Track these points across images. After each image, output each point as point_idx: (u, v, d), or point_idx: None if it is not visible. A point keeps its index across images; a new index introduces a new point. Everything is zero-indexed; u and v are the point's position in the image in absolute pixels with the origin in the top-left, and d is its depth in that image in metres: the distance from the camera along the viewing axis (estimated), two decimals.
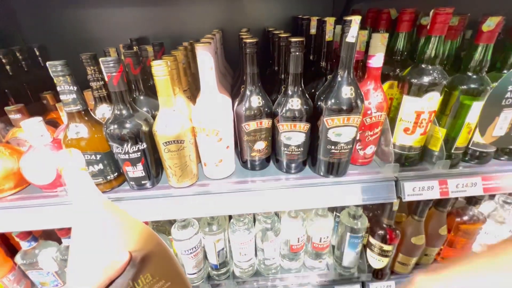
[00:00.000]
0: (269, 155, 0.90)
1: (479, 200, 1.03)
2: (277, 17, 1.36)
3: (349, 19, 0.63)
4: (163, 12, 1.35)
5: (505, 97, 0.56)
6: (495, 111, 0.58)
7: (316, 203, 0.85)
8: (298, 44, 0.68)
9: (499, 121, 0.59)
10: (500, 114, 0.58)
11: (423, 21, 0.87)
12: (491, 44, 0.70)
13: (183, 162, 0.77)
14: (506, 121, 0.59)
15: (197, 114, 0.75)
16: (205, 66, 0.69)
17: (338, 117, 0.71)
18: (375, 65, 0.75)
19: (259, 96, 0.77)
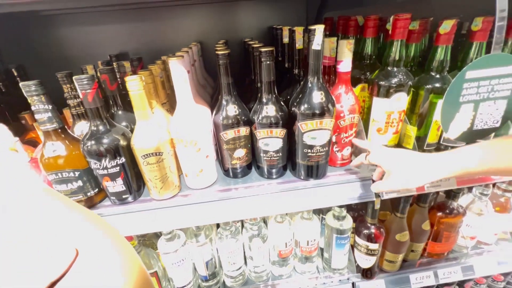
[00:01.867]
0: (250, 162, 0.91)
1: (457, 194, 1.06)
2: (255, 28, 1.40)
3: (313, 28, 0.66)
4: (142, 27, 1.37)
5: (462, 95, 0.60)
6: (454, 108, 0.61)
7: (298, 207, 0.86)
8: (268, 53, 0.71)
9: (459, 117, 0.62)
10: (460, 110, 0.62)
11: (388, 26, 0.91)
12: (449, 45, 0.74)
13: (164, 174, 0.78)
14: (466, 117, 0.63)
15: (174, 126, 0.76)
16: (179, 79, 0.71)
17: (312, 121, 0.74)
18: (344, 70, 0.79)
19: (235, 105, 0.80)
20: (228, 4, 1.37)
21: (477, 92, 0.60)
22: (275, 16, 1.36)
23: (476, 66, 0.57)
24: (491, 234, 1.17)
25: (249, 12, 1.39)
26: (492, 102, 0.62)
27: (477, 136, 0.67)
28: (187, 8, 1.37)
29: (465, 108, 0.62)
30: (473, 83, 0.59)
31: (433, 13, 1.10)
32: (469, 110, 0.62)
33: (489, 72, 0.58)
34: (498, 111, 0.63)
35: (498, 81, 0.59)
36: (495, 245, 1.21)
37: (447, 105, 0.61)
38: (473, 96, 0.61)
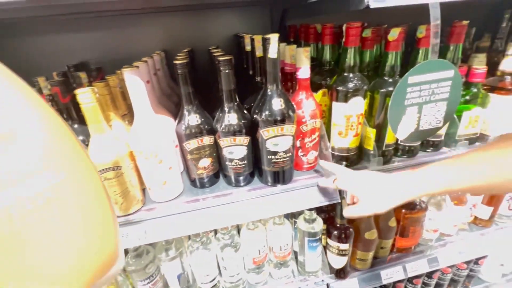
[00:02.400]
0: (217, 171, 0.90)
1: None
2: (221, 36, 1.40)
3: (268, 37, 0.67)
4: (105, 36, 1.32)
5: (407, 98, 0.64)
6: (400, 111, 0.65)
7: (267, 213, 0.86)
8: (226, 62, 0.71)
9: (406, 119, 0.66)
10: (406, 113, 0.65)
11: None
12: (398, 51, 0.79)
13: (124, 189, 0.75)
14: (412, 118, 0.67)
15: (132, 138, 0.73)
16: (134, 90, 0.69)
17: (273, 128, 0.75)
18: (303, 76, 0.81)
19: (197, 114, 0.79)
20: (194, 12, 1.36)
21: (419, 96, 0.64)
22: (240, 24, 1.38)
23: (416, 71, 0.61)
24: (452, 226, 1.25)
25: (215, 20, 1.40)
26: (434, 104, 0.66)
27: (423, 135, 0.71)
28: (152, 16, 1.34)
29: (410, 111, 0.66)
30: (415, 87, 0.63)
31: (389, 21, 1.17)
32: (414, 112, 0.66)
33: (429, 76, 0.62)
34: (440, 112, 0.68)
35: (437, 85, 0.64)
36: (456, 235, 1.29)
37: (394, 109, 0.65)
38: (417, 99, 0.65)
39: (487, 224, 1.34)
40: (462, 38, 0.81)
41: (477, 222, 1.35)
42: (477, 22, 1.35)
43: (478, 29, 1.25)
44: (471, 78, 0.90)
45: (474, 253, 1.26)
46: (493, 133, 0.98)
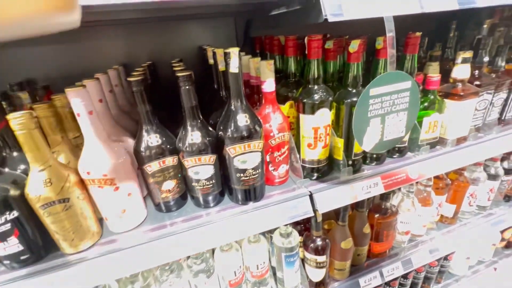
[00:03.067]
0: (184, 192, 0.84)
1: (388, 195, 1.15)
2: (186, 48, 1.35)
3: (228, 52, 0.64)
4: (55, 50, 1.21)
5: (369, 110, 0.64)
6: (364, 123, 0.66)
7: (241, 234, 0.82)
8: (185, 78, 0.67)
9: (370, 130, 0.66)
10: (370, 124, 0.66)
11: None
12: (359, 62, 0.80)
13: (75, 223, 0.66)
14: (376, 129, 0.67)
15: (82, 165, 0.65)
16: (80, 112, 0.62)
17: (239, 145, 0.71)
18: (268, 90, 0.79)
19: (157, 134, 0.73)
20: (156, 24, 1.30)
21: (381, 107, 0.65)
22: (206, 36, 1.34)
23: (376, 84, 0.62)
24: (421, 226, 1.29)
25: (178, 32, 1.35)
26: (395, 114, 0.68)
27: (388, 145, 0.72)
28: (109, 28, 1.26)
29: (373, 122, 0.66)
30: (377, 99, 0.64)
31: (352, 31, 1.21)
32: (377, 123, 0.67)
33: (389, 88, 0.63)
34: (402, 122, 0.69)
35: (397, 96, 0.65)
36: (426, 235, 1.34)
37: (358, 121, 0.65)
38: (379, 110, 0.65)
39: (452, 221, 1.41)
40: (417, 48, 0.85)
41: (443, 220, 1.41)
42: (430, 32, 1.45)
43: (430, 39, 1.34)
44: (428, 86, 0.95)
45: (444, 250, 1.31)
46: (451, 136, 1.03)
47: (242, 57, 0.95)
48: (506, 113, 1.16)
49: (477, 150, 1.07)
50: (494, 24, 1.39)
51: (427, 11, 0.66)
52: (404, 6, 0.62)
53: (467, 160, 1.06)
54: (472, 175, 1.33)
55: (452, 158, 1.03)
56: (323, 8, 0.58)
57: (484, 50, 1.01)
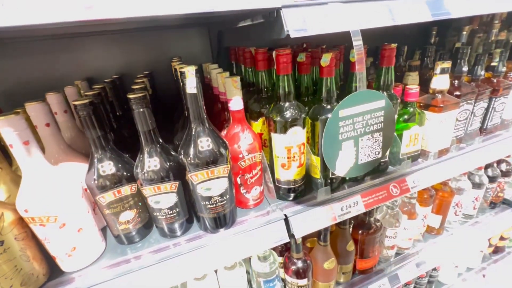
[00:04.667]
0: (147, 221, 0.77)
1: (372, 210, 1.10)
2: (159, 59, 1.28)
3: (183, 71, 0.58)
4: (13, 64, 1.12)
5: (340, 133, 0.59)
6: (336, 147, 0.60)
7: (212, 265, 0.75)
8: (138, 100, 0.60)
9: (343, 154, 0.61)
10: (342, 148, 0.61)
11: None
12: (333, 77, 0.75)
13: (11, 268, 0.58)
14: (349, 153, 0.62)
15: (20, 201, 0.57)
16: (13, 143, 0.54)
17: (202, 171, 0.65)
18: (235, 108, 0.73)
19: (111, 161, 0.65)
20: (126, 34, 1.22)
21: (353, 129, 0.60)
22: (179, 46, 1.27)
23: (346, 104, 0.56)
24: (407, 239, 1.25)
25: (149, 43, 1.27)
26: (370, 135, 0.63)
27: (364, 168, 0.67)
28: (75, 40, 1.17)
29: (346, 145, 0.61)
30: (348, 121, 0.58)
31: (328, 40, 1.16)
32: (350, 146, 0.62)
33: (361, 108, 0.58)
34: (377, 142, 0.64)
35: (370, 116, 0.60)
36: (412, 248, 1.30)
37: (328, 145, 0.59)
38: (351, 132, 0.60)
39: (439, 231, 1.37)
40: (393, 60, 0.80)
41: (430, 231, 1.37)
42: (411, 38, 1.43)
43: (411, 45, 1.31)
44: (406, 98, 0.91)
45: (431, 263, 1.27)
46: (432, 148, 0.99)
47: (211, 71, 0.89)
48: (487, 122, 1.14)
49: (460, 162, 1.04)
50: (473, 30, 1.37)
51: (399, 23, 0.62)
52: (374, 19, 0.57)
53: (450, 172, 1.02)
54: (456, 184, 1.30)
55: (435, 171, 0.99)
56: (284, 23, 0.52)
57: (463, 59, 0.98)
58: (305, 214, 0.81)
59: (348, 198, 0.85)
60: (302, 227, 0.80)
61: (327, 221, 0.83)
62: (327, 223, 0.84)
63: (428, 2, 0.67)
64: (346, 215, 0.85)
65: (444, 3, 0.65)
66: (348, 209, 0.85)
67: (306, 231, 0.80)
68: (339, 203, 0.84)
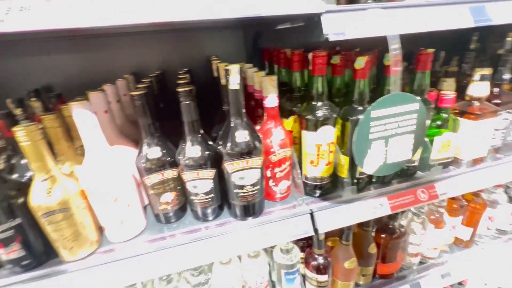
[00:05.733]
0: (183, 204, 0.84)
1: (397, 215, 1.09)
2: (195, 58, 1.37)
3: (228, 69, 0.64)
4: (71, 59, 1.26)
5: (371, 132, 0.61)
6: (365, 145, 0.63)
7: (239, 250, 0.80)
8: (185, 93, 0.67)
9: (372, 153, 0.63)
10: (371, 147, 0.63)
11: None
12: (366, 79, 0.77)
13: (73, 232, 0.67)
14: (378, 152, 0.64)
15: (83, 176, 0.67)
16: (83, 125, 0.63)
17: (238, 161, 0.70)
18: (270, 105, 0.78)
19: (158, 147, 0.73)
20: (167, 34, 1.33)
21: (385, 129, 0.62)
22: (215, 46, 1.36)
23: (379, 106, 0.59)
24: (432, 249, 1.22)
25: (188, 42, 1.37)
26: (400, 137, 0.64)
27: (393, 168, 0.69)
28: (122, 38, 1.30)
29: (375, 145, 0.63)
30: (379, 121, 0.61)
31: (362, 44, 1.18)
32: (380, 146, 0.64)
33: (394, 110, 0.60)
34: (407, 144, 0.66)
35: (402, 118, 0.62)
36: (438, 258, 1.26)
37: (358, 143, 0.62)
38: (382, 133, 0.62)
39: (467, 244, 1.32)
40: (429, 65, 0.81)
41: (458, 243, 1.33)
42: (449, 44, 1.39)
43: (449, 51, 1.28)
44: (441, 104, 0.90)
45: (457, 276, 1.23)
46: (465, 157, 0.97)
47: (247, 70, 0.95)
48: None
49: (496, 173, 1.00)
50: None
51: (438, 29, 0.63)
52: (410, 24, 0.59)
53: (484, 183, 0.99)
54: (490, 196, 1.24)
55: (467, 180, 0.96)
56: (324, 27, 0.56)
57: (505, 66, 0.95)
58: (330, 211, 0.84)
59: (374, 199, 0.87)
60: (327, 223, 0.83)
61: (351, 219, 0.85)
62: (351, 222, 0.86)
63: (471, 8, 0.67)
64: (371, 215, 0.86)
65: (486, 10, 0.65)
66: (373, 210, 0.86)
67: (330, 227, 0.83)
68: (365, 203, 0.86)
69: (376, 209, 0.87)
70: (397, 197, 0.88)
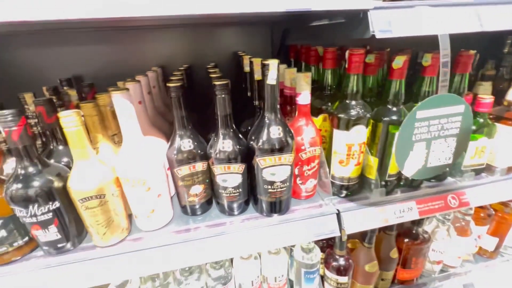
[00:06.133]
0: (210, 197, 0.85)
1: (421, 220, 1.07)
2: (220, 53, 1.38)
3: (267, 63, 0.63)
4: (100, 50, 1.29)
5: (414, 134, 0.60)
6: (408, 147, 0.61)
7: (263, 246, 0.80)
8: (223, 87, 0.67)
9: (413, 155, 0.62)
10: (413, 148, 0.61)
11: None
12: (403, 79, 0.75)
13: (107, 218, 0.69)
14: (420, 154, 0.63)
15: (119, 164, 0.68)
16: (123, 114, 0.65)
17: (270, 157, 0.70)
18: (303, 102, 0.77)
19: (190, 139, 0.74)
20: (193, 28, 1.34)
21: (428, 131, 0.60)
22: (240, 42, 1.36)
23: (425, 106, 0.57)
24: (456, 257, 1.19)
25: (214, 37, 1.37)
26: (443, 140, 0.62)
27: (432, 172, 0.67)
28: (150, 31, 1.32)
29: (418, 147, 0.62)
30: (424, 123, 0.59)
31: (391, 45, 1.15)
32: (422, 148, 0.62)
33: (438, 111, 0.59)
34: (449, 148, 0.64)
35: (447, 120, 0.60)
36: (460, 267, 1.23)
37: (401, 145, 0.60)
38: (425, 134, 0.61)
39: (492, 255, 1.28)
40: (469, 67, 0.78)
41: (481, 253, 1.29)
42: (480, 48, 1.34)
43: (482, 55, 1.23)
44: (477, 108, 0.87)
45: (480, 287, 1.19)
46: (500, 164, 0.94)
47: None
48: None
49: None
50: None
51: (487, 29, 0.61)
52: (461, 24, 0.57)
53: None
54: None
55: (500, 189, 0.93)
56: (371, 24, 0.55)
57: None
58: (357, 212, 0.83)
59: (403, 203, 0.85)
60: (353, 224, 0.82)
61: (379, 222, 0.84)
62: (378, 224, 0.84)
63: None
64: (399, 219, 0.85)
65: None
66: (401, 214, 0.85)
67: (357, 229, 0.82)
68: (393, 206, 0.84)
69: (404, 213, 0.85)
70: (426, 202, 0.86)
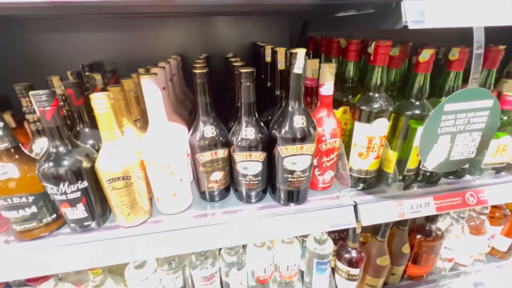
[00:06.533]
0: (228, 185, 0.86)
1: (436, 217, 1.07)
2: (238, 43, 1.38)
3: (295, 52, 0.64)
4: (120, 36, 1.30)
5: (440, 126, 0.59)
6: (432, 139, 0.61)
7: (278, 234, 0.82)
8: (249, 74, 0.68)
9: (437, 148, 0.62)
10: (438, 141, 0.61)
11: (369, 50, 0.92)
12: (428, 73, 0.75)
13: (132, 199, 0.71)
14: (443, 147, 0.62)
15: (145, 148, 0.70)
16: (151, 99, 0.66)
17: (292, 146, 0.71)
18: (326, 93, 0.77)
19: (213, 126, 0.75)
20: (211, 18, 1.34)
21: (454, 124, 0.60)
22: (258, 32, 1.35)
23: (454, 99, 0.57)
24: (468, 256, 1.19)
25: (232, 27, 1.37)
26: (468, 134, 0.62)
27: (453, 165, 0.67)
28: (169, 19, 1.32)
29: (442, 140, 0.61)
30: (450, 116, 0.59)
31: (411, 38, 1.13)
32: (446, 141, 0.62)
33: (466, 105, 0.58)
34: (474, 142, 0.63)
35: (474, 114, 0.59)
36: (471, 266, 1.23)
37: (425, 137, 0.60)
38: (451, 128, 0.60)
39: (504, 256, 1.27)
40: (497, 63, 0.76)
41: (494, 253, 1.28)
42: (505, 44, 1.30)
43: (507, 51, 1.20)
44: (502, 105, 0.85)
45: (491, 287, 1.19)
46: None
47: None
48: None
49: None
50: None
51: None
52: (498, 16, 0.56)
53: None
54: None
55: None
56: (403, 14, 0.55)
57: None
58: (374, 204, 0.83)
59: (420, 198, 0.85)
60: (370, 217, 0.82)
61: (395, 216, 0.84)
62: (395, 218, 0.84)
63: None
64: (415, 214, 0.85)
65: None
66: (418, 209, 0.85)
67: (373, 222, 0.83)
68: (410, 201, 0.85)
69: (421, 208, 0.85)
70: (444, 198, 0.86)
